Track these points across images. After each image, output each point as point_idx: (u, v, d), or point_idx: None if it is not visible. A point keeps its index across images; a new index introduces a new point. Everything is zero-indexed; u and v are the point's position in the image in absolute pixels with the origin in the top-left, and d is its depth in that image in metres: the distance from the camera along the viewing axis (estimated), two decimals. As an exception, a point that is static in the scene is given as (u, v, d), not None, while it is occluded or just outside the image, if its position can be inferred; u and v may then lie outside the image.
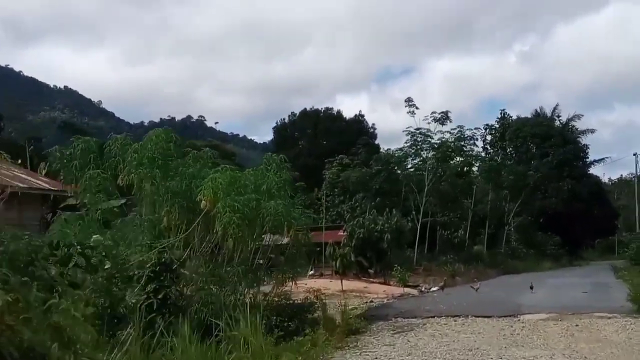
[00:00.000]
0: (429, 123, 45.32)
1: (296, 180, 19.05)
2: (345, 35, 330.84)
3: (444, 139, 45.97)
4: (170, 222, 12.68)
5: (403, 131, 45.85)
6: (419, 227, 42.02)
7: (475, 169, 53.39)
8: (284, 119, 77.71)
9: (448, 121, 45.45)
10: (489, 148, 66.09)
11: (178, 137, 14.64)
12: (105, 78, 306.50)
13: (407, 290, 27.01)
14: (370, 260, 29.87)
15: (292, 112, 77.83)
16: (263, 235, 13.69)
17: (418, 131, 45.48)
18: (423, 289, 28.23)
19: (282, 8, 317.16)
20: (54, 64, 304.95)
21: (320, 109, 76.71)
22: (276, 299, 14.20)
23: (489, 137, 65.88)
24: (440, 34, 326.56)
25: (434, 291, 27.58)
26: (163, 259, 11.95)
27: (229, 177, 12.97)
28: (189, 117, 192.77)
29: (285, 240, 14.50)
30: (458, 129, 46.20)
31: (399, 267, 28.33)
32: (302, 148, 70.54)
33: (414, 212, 42.71)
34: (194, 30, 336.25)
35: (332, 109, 77.39)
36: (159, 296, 11.80)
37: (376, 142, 68.42)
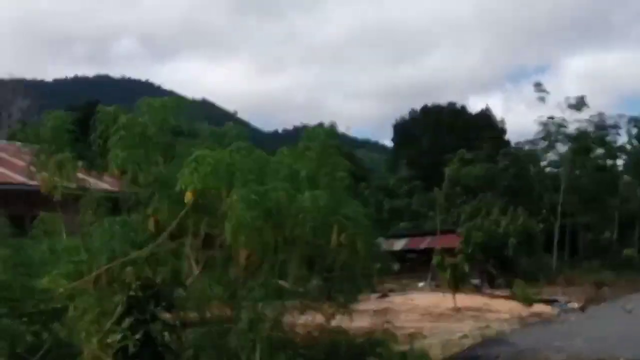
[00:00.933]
0: (562, 111, 39.26)
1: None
2: (473, 36, 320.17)
3: (581, 129, 39.63)
4: (158, 225, 8.77)
5: (535, 120, 40.05)
6: (556, 230, 36.15)
7: (620, 162, 46.29)
8: (403, 117, 72.78)
9: (585, 107, 39.14)
10: (636, 142, 57.87)
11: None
12: (239, 89, 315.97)
13: (538, 308, 21.57)
14: (491, 270, 24.78)
15: (411, 109, 72.77)
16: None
17: (551, 120, 39.52)
18: (561, 306, 22.62)
19: (407, 12, 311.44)
20: (191, 77, 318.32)
21: (442, 104, 71.29)
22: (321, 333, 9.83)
23: (634, 131, 57.72)
24: (573, 31, 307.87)
25: (572, 310, 21.97)
26: (144, 277, 8.16)
27: (247, 159, 8.82)
28: (321, 124, 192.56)
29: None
30: (597, 116, 39.78)
31: (521, 281, 22.65)
32: (423, 147, 65.36)
33: (544, 212, 36.56)
34: (320, 38, 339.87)
35: (455, 103, 71.54)
36: (137, 335, 8.00)
37: (505, 137, 61.98)
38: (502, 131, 65.44)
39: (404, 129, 70.49)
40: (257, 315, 8.88)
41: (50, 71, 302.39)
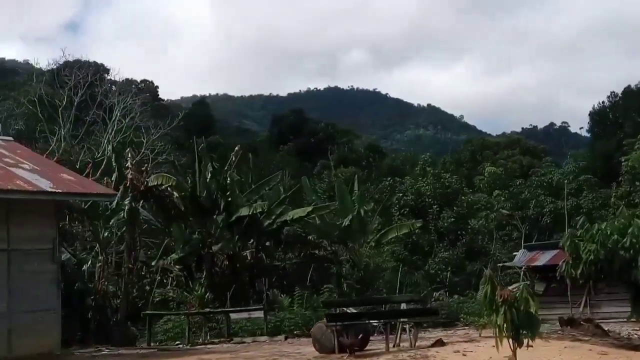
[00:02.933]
0: None
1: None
2: None
3: None
4: None
5: None
6: None
7: None
8: (602, 102, 61.90)
9: None
10: None
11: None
12: (465, 92, 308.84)
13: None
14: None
15: (612, 92, 61.67)
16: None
17: None
18: None
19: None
20: (417, 84, 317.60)
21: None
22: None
23: None
24: None
25: None
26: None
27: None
28: (552, 124, 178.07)
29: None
30: None
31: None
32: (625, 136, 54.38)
33: None
34: (551, 34, 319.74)
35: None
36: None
37: None
38: None
39: (603, 116, 59.86)
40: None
41: (285, 86, 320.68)
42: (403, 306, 16.67)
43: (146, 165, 28.67)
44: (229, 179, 28.18)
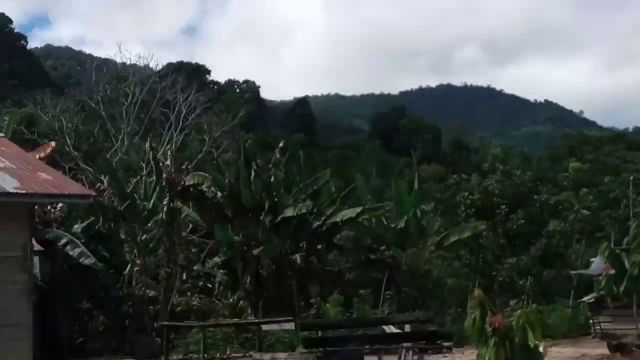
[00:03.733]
0: None
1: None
2: None
3: None
4: None
5: None
6: None
7: None
8: None
9: None
10: None
11: None
12: (586, 87, 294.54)
13: None
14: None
15: None
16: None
17: None
18: None
19: None
20: (534, 79, 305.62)
21: None
22: None
23: None
24: None
25: None
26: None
27: None
28: None
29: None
30: None
31: None
32: None
33: None
34: None
35: None
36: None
37: None
38: None
39: None
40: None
41: (397, 85, 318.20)
42: (406, 328, 14.05)
43: (187, 163, 27.08)
44: (272, 177, 26.21)
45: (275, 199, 26.38)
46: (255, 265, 26.34)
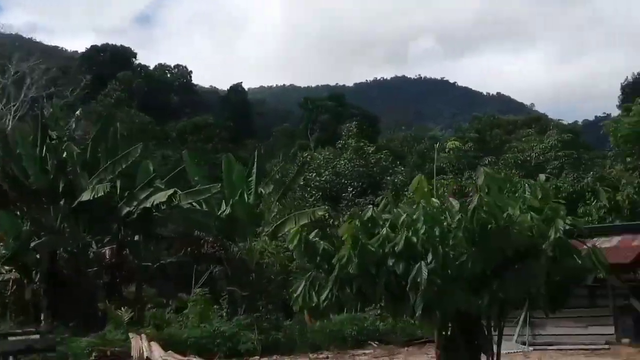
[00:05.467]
0: None
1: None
2: None
3: None
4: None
5: None
6: None
7: None
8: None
9: None
10: None
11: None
12: (537, 80, 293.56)
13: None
14: None
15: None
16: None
17: None
18: None
19: None
20: (487, 72, 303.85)
21: None
22: None
23: None
24: None
25: None
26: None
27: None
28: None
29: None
30: None
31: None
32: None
33: None
34: (626, 20, 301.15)
35: None
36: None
37: None
38: None
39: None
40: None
41: (353, 75, 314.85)
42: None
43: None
44: (65, 153, 21.54)
45: (71, 180, 21.77)
46: (50, 261, 21.75)
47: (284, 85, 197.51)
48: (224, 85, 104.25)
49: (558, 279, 8.11)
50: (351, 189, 27.31)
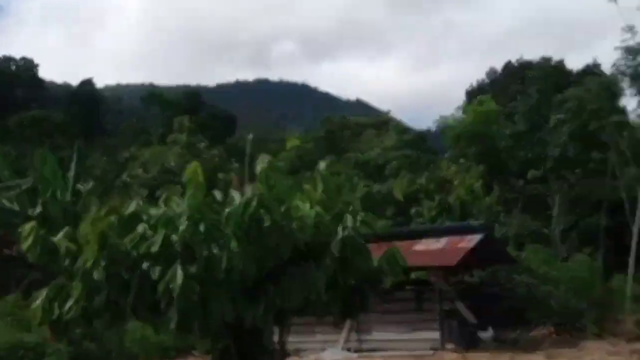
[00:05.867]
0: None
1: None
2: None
3: None
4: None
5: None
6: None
7: None
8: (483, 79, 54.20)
9: None
10: None
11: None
12: (394, 87, 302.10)
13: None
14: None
15: (490, 68, 54.06)
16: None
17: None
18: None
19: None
20: (347, 77, 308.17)
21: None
22: None
23: None
24: None
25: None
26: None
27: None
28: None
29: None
30: None
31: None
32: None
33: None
34: (479, 31, 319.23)
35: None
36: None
37: None
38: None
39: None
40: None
41: (214, 76, 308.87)
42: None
43: None
44: None
45: None
46: None
47: (142, 83, 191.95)
48: (78, 81, 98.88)
49: (353, 282, 7.41)
50: (179, 185, 25.75)
